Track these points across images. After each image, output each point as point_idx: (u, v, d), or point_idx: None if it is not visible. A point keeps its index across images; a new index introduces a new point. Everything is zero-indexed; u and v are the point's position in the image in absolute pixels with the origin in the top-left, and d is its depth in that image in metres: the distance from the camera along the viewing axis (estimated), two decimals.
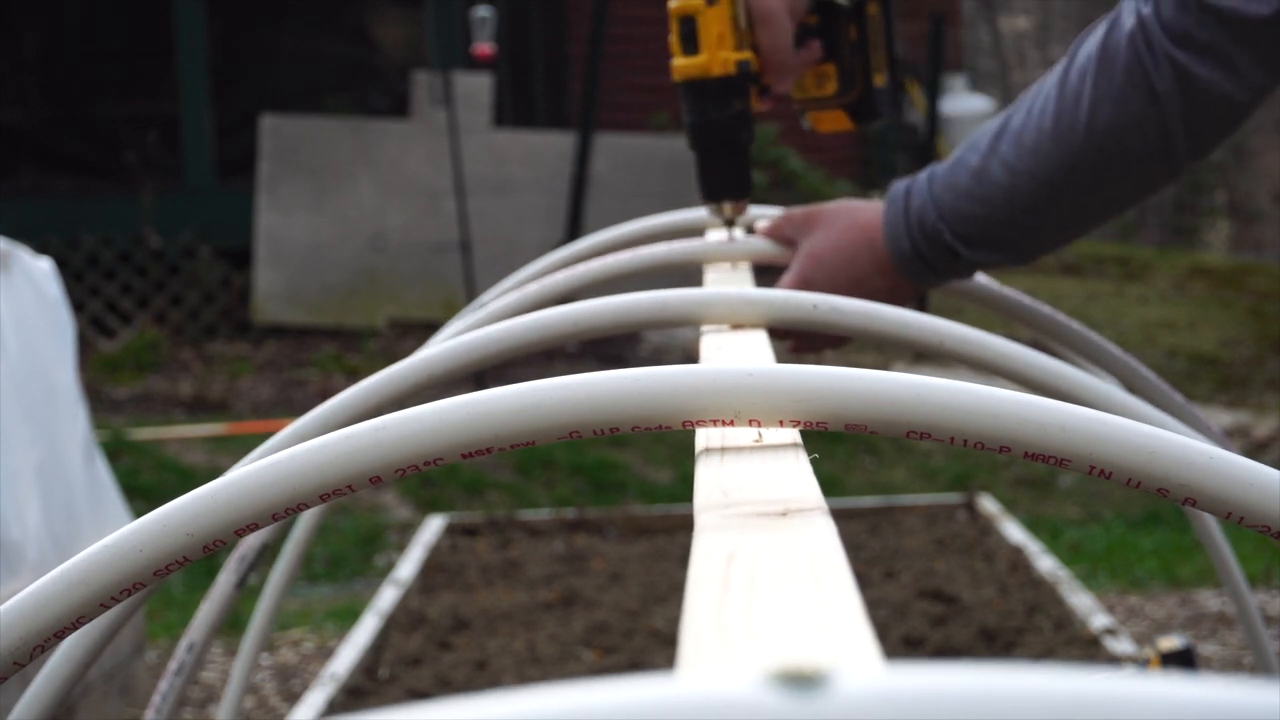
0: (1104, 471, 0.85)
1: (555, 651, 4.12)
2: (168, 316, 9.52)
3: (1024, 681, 0.39)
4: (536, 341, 1.44)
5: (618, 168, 9.50)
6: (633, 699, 0.39)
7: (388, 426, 0.85)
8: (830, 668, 0.39)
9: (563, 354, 8.85)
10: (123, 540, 0.86)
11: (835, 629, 0.52)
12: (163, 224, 9.64)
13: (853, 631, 0.51)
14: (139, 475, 6.67)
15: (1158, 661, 3.47)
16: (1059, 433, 0.84)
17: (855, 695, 0.38)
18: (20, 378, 3.82)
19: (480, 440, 0.85)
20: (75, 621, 0.87)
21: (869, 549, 4.97)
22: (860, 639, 0.50)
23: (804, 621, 0.53)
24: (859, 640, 0.50)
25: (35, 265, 4.09)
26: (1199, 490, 0.84)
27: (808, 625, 0.53)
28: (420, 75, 9.60)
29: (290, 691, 4.48)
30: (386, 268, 9.54)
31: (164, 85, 10.17)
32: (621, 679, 0.40)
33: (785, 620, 0.54)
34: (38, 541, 3.68)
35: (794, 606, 0.55)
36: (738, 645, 0.51)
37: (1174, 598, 5.02)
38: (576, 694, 0.39)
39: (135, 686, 4.19)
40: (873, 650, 0.49)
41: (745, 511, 0.71)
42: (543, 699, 0.39)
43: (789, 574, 0.59)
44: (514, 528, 5.49)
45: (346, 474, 0.85)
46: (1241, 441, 6.87)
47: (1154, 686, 0.39)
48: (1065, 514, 6.23)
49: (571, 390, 0.85)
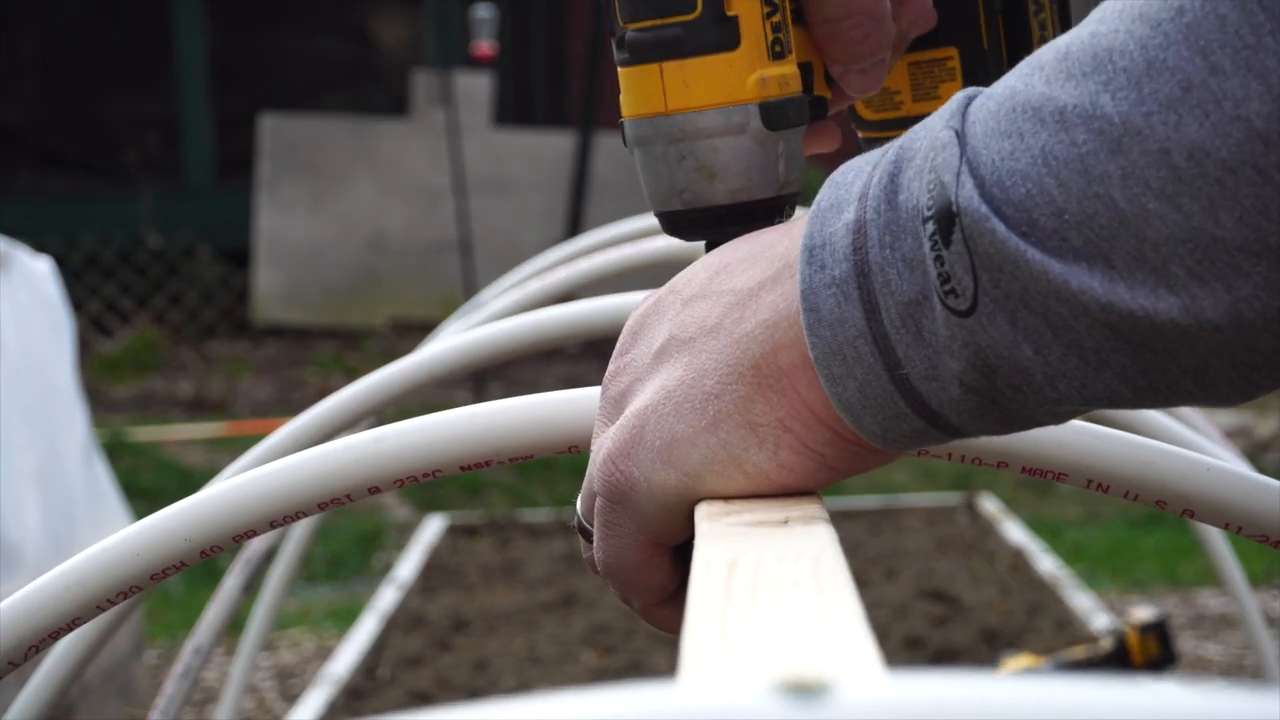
0: (1102, 485, 0.85)
1: (555, 652, 4.12)
2: (167, 316, 9.52)
3: (1025, 690, 0.39)
4: (536, 342, 1.44)
5: (618, 167, 9.50)
6: (635, 707, 0.38)
7: (388, 437, 0.85)
8: (833, 677, 0.39)
9: (562, 353, 8.85)
10: (121, 544, 0.86)
11: (838, 638, 0.52)
12: (162, 224, 9.64)
13: (855, 640, 0.51)
14: (138, 475, 6.67)
15: (1135, 634, 3.47)
16: (1056, 448, 0.84)
17: (857, 704, 0.38)
18: (19, 378, 3.82)
19: (479, 453, 0.85)
20: (71, 623, 0.87)
21: (870, 549, 4.96)
22: (863, 647, 0.50)
23: (806, 630, 0.53)
24: (861, 649, 0.50)
25: (34, 265, 4.08)
26: (1197, 502, 0.84)
27: (810, 634, 0.53)
28: (420, 75, 9.60)
29: (290, 692, 4.47)
30: (386, 267, 9.55)
31: (164, 85, 10.18)
32: (623, 685, 0.40)
33: (788, 629, 0.53)
34: (36, 541, 3.68)
35: (796, 615, 0.55)
36: (740, 654, 0.50)
37: (1175, 598, 5.02)
38: (577, 701, 0.39)
39: (134, 686, 4.18)
40: (875, 659, 0.49)
41: (746, 520, 0.71)
42: (544, 705, 0.39)
43: (791, 582, 0.59)
44: (514, 528, 5.49)
45: (346, 484, 0.85)
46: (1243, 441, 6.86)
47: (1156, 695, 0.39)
48: (1066, 514, 6.23)
49: (572, 405, 0.85)
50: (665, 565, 0.79)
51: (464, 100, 9.20)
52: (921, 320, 0.69)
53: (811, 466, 0.75)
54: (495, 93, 9.75)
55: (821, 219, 0.72)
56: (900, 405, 0.71)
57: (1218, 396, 0.69)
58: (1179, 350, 0.67)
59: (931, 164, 0.69)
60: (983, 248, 0.67)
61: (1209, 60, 0.64)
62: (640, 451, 0.76)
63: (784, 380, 0.74)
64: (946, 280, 0.68)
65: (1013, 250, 0.67)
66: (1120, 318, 0.66)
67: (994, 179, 0.67)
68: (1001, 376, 0.69)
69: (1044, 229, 0.66)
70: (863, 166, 0.73)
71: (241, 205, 9.65)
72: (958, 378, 0.69)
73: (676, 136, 0.86)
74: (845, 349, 0.71)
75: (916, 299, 0.69)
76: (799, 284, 0.72)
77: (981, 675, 0.39)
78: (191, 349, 9.29)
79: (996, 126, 0.68)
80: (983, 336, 0.68)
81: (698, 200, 0.86)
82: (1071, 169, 0.66)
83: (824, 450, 0.74)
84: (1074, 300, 0.66)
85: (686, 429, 0.75)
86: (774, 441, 0.74)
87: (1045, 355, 0.68)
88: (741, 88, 0.85)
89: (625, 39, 0.86)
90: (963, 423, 0.72)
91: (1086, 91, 0.66)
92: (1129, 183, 0.65)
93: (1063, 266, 0.66)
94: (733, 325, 0.75)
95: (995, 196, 0.67)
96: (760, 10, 0.85)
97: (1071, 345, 0.67)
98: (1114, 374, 0.68)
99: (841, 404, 0.72)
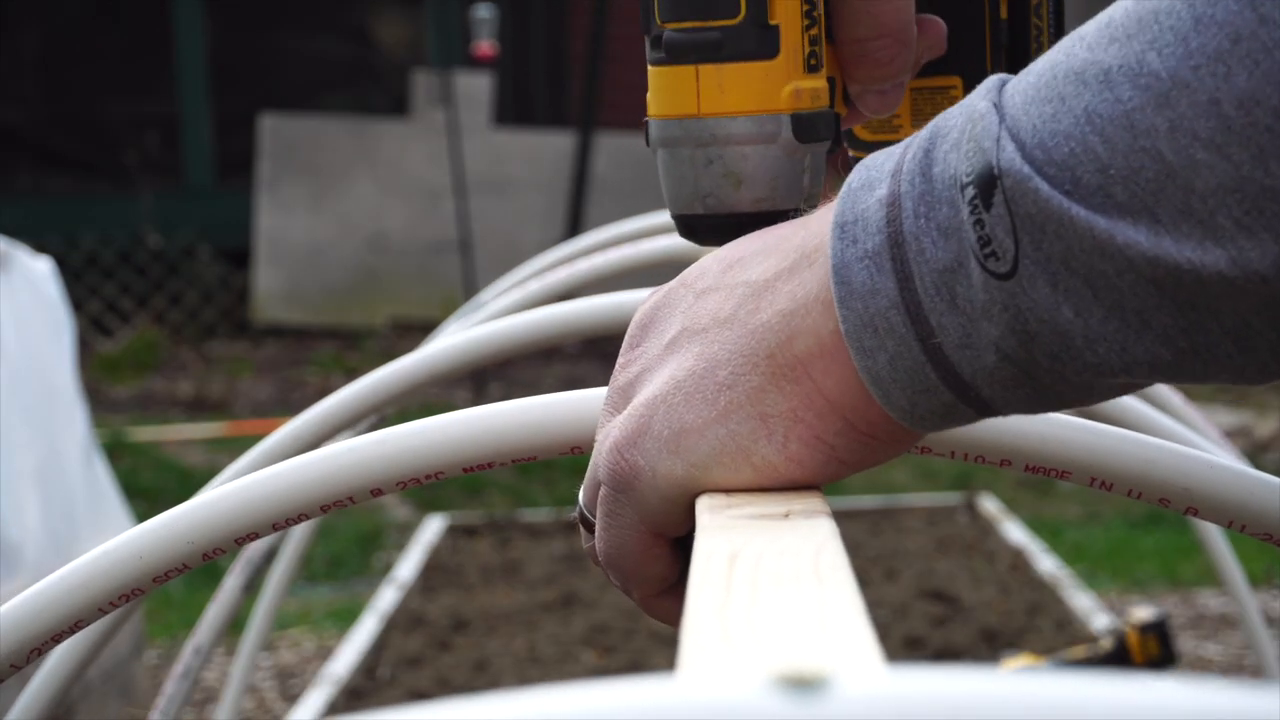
0: (1105, 483, 0.85)
1: (555, 652, 4.12)
2: (167, 316, 9.52)
3: (1025, 685, 0.39)
4: (536, 340, 1.44)
5: (618, 167, 9.50)
6: (633, 701, 0.38)
7: (390, 440, 0.85)
8: (832, 671, 0.39)
9: (562, 353, 8.85)
10: (123, 546, 0.86)
11: (838, 632, 0.52)
12: (162, 223, 9.64)
13: (855, 634, 0.51)
14: (138, 475, 6.66)
15: (1135, 634, 3.47)
16: (1059, 446, 0.84)
17: (857, 699, 0.38)
18: (19, 378, 3.82)
19: (482, 456, 0.85)
20: (73, 626, 0.87)
21: (870, 549, 4.96)
22: (863, 642, 0.50)
23: (806, 624, 0.53)
24: (861, 643, 0.50)
25: (34, 265, 4.08)
26: (1200, 500, 0.84)
27: (810, 628, 0.53)
28: (420, 75, 9.60)
29: (290, 692, 4.47)
30: (386, 267, 9.55)
31: (164, 85, 10.18)
32: (622, 680, 0.40)
33: (788, 623, 0.53)
34: (36, 542, 3.68)
35: (797, 609, 0.55)
36: (740, 647, 0.50)
37: (1175, 598, 5.02)
38: (576, 695, 0.39)
39: (134, 687, 4.18)
40: (875, 653, 0.49)
41: (748, 513, 0.71)
42: (543, 700, 0.39)
43: (792, 576, 0.59)
44: (514, 528, 5.49)
45: (349, 486, 0.85)
46: (1243, 441, 6.86)
47: (1156, 691, 0.39)
48: (1066, 514, 6.23)
49: (574, 406, 0.85)
50: (666, 556, 0.79)
51: (464, 100, 9.20)
52: (956, 287, 0.69)
53: (820, 460, 0.74)
54: (495, 93, 9.75)
55: (853, 197, 0.72)
56: (931, 377, 0.70)
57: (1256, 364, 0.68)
58: (1222, 307, 0.66)
59: (969, 134, 0.68)
60: (1025, 208, 0.66)
61: (1258, 11, 0.64)
62: (647, 441, 0.76)
63: (799, 369, 0.73)
64: (986, 243, 0.67)
65: (1056, 208, 0.66)
66: (1166, 271, 0.66)
67: (1035, 141, 0.67)
68: (1040, 343, 0.68)
69: (1088, 186, 0.66)
70: (893, 150, 0.72)
71: (241, 205, 9.65)
72: (994, 344, 0.69)
73: (706, 140, 0.85)
74: (877, 320, 0.70)
75: (951, 266, 0.69)
76: (830, 259, 0.71)
77: (981, 670, 0.39)
78: (191, 349, 9.29)
79: (1037, 94, 0.68)
80: (1023, 299, 0.68)
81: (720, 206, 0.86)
82: (1117, 125, 0.66)
83: (835, 441, 0.73)
84: (1119, 255, 0.66)
85: (696, 419, 0.74)
86: (784, 433, 0.73)
87: (1086, 318, 0.67)
88: (776, 97, 0.85)
89: (662, 38, 0.86)
90: (993, 395, 0.71)
91: (1132, 52, 0.66)
92: (1176, 135, 0.65)
93: (1108, 222, 0.66)
94: (747, 316, 0.74)
95: (1037, 158, 0.67)
96: (800, 22, 0.84)
97: (1113, 307, 0.67)
98: (1155, 336, 0.67)
99: (871, 377, 0.71)
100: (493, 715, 0.39)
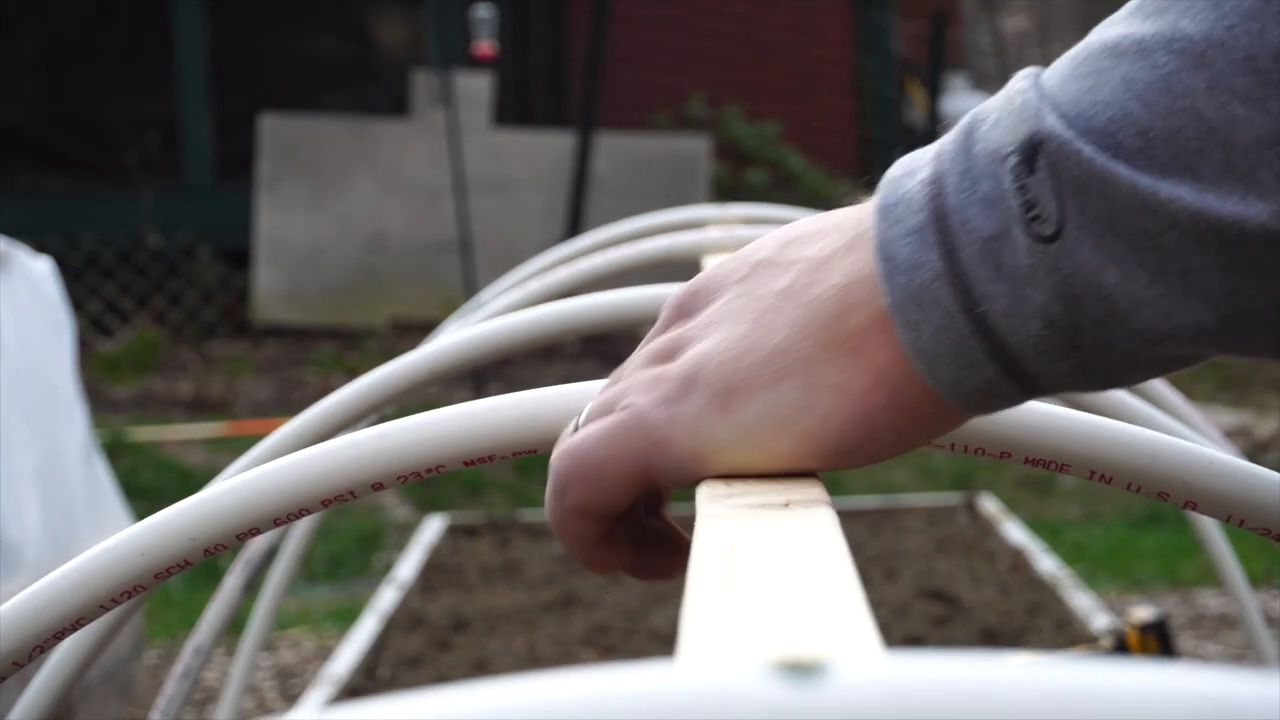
0: (1105, 476, 0.85)
1: (555, 652, 4.12)
2: (167, 316, 9.52)
3: (1025, 673, 0.39)
4: (535, 338, 1.44)
5: (618, 167, 9.50)
6: (630, 688, 0.38)
7: (391, 434, 0.85)
8: (830, 657, 0.39)
9: (562, 353, 8.85)
10: (124, 543, 0.86)
11: (837, 619, 0.52)
12: (162, 223, 9.64)
13: (854, 622, 0.51)
14: (138, 475, 6.67)
15: (1135, 634, 3.47)
16: (1059, 438, 0.84)
17: (855, 685, 0.38)
18: (19, 378, 3.82)
19: (484, 448, 0.85)
20: (75, 623, 0.87)
21: (870, 549, 4.96)
22: (861, 629, 0.50)
23: (806, 611, 0.53)
24: (860, 630, 0.50)
25: (34, 265, 4.08)
26: (1200, 494, 0.84)
27: (809, 615, 0.53)
28: (420, 75, 9.60)
29: (290, 692, 4.47)
30: (386, 267, 9.55)
31: (164, 85, 10.18)
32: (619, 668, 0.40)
33: (787, 610, 0.53)
34: (36, 541, 3.68)
35: (796, 597, 0.55)
36: (739, 634, 0.50)
37: (1175, 598, 5.02)
38: (573, 683, 0.39)
39: (134, 687, 4.18)
40: (874, 640, 0.49)
41: (748, 502, 0.71)
42: (539, 689, 0.39)
43: (792, 564, 0.59)
44: (514, 528, 5.49)
45: (350, 480, 0.85)
46: (1243, 441, 6.86)
47: (1157, 679, 0.39)
48: (1066, 514, 6.23)
49: (574, 399, 0.85)
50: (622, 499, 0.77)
51: (464, 100, 9.20)
52: (1001, 255, 0.69)
53: (857, 439, 0.74)
54: (495, 93, 9.75)
55: (894, 184, 0.72)
56: (976, 350, 0.70)
57: None
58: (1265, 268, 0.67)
59: (1008, 110, 0.69)
60: (1069, 171, 0.67)
61: None
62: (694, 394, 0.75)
63: (851, 340, 0.73)
64: (1030, 208, 0.68)
65: (1100, 169, 0.67)
66: (1209, 226, 0.66)
67: (1075, 112, 0.68)
68: (1085, 308, 0.68)
69: (1130, 149, 0.67)
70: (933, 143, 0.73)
71: (241, 205, 9.65)
72: (1039, 311, 0.69)
73: None
74: (922, 293, 0.70)
75: (997, 234, 0.69)
76: (873, 238, 0.72)
77: (980, 659, 0.39)
78: (191, 349, 9.29)
79: (1073, 72, 0.69)
80: (1067, 263, 0.68)
81: None
82: (1155, 89, 0.67)
83: (876, 420, 0.73)
84: (1162, 211, 0.66)
85: (745, 381, 0.74)
86: (829, 406, 0.73)
87: (1130, 281, 0.68)
88: None
89: None
90: (1040, 368, 0.70)
91: (1165, 22, 0.68)
92: (1215, 92, 0.66)
93: (1151, 180, 0.66)
94: (803, 289, 0.74)
95: (1079, 126, 0.68)
96: None
97: (1157, 269, 0.67)
98: (1200, 300, 0.68)
99: (916, 351, 0.71)
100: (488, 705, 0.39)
